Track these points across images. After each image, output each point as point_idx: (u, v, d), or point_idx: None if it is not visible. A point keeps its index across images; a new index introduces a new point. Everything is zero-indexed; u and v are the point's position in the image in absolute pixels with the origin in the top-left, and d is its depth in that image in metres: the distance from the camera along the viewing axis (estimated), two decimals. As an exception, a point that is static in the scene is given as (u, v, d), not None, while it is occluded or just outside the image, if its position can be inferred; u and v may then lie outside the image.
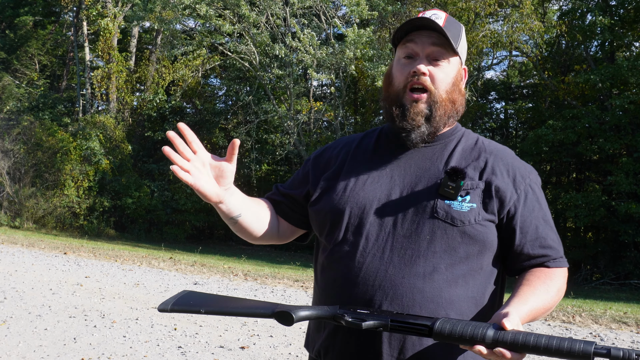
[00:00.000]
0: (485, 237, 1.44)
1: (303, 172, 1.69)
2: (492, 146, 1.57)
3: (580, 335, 6.61)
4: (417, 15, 1.53)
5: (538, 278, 1.44)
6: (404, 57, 1.53)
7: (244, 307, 1.41)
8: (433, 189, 1.45)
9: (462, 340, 1.23)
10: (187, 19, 20.72)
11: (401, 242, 1.43)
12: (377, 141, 1.63)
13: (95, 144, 20.97)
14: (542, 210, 1.52)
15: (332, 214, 1.52)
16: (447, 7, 17.95)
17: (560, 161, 18.71)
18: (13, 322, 6.09)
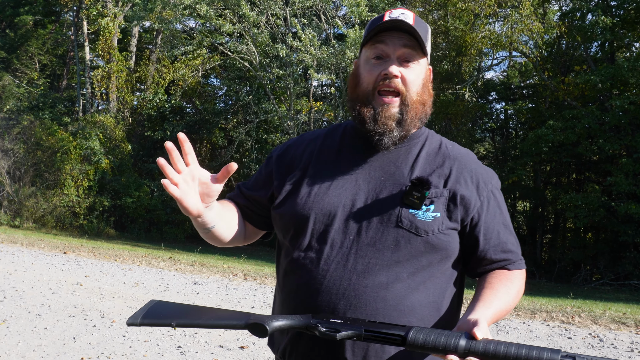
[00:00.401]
0: (447, 245, 1.45)
1: (266, 171, 1.64)
2: (455, 151, 1.57)
3: (579, 335, 6.62)
4: (384, 14, 1.51)
5: (499, 281, 1.47)
6: (373, 58, 1.50)
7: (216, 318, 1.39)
8: (398, 196, 1.45)
9: (435, 350, 1.25)
10: (187, 19, 20.72)
11: (365, 251, 1.43)
12: (342, 140, 1.60)
13: (95, 144, 20.97)
14: (503, 215, 1.55)
15: (297, 219, 1.50)
16: (446, 7, 17.97)
17: (560, 161, 18.72)
18: (13, 321, 6.10)
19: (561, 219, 20.23)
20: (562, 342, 6.29)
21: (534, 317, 7.60)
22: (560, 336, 6.57)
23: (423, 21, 1.54)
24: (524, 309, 8.07)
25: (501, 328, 6.88)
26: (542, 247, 19.86)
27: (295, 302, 1.48)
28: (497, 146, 22.37)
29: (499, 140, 22.72)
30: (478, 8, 16.34)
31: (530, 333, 6.69)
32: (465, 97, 17.91)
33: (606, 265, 16.20)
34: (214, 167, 22.42)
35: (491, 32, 17.04)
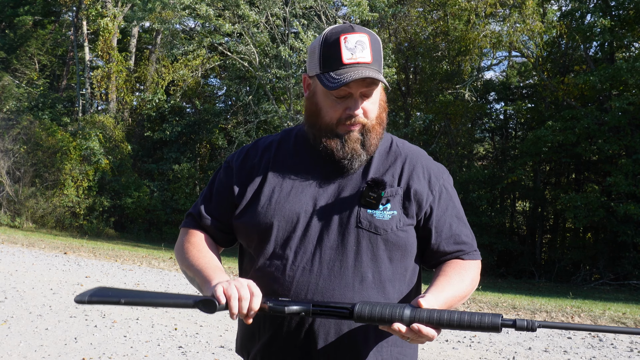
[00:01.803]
0: (406, 241, 1.52)
1: (227, 182, 1.63)
2: (406, 149, 1.63)
3: (579, 335, 6.64)
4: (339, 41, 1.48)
5: (453, 269, 1.53)
6: (333, 95, 1.50)
7: (166, 297, 1.42)
8: (355, 198, 1.51)
9: (382, 320, 1.32)
10: (186, 19, 20.72)
11: (329, 254, 1.48)
12: (296, 146, 1.62)
13: (94, 144, 20.97)
14: (456, 208, 1.61)
15: (259, 228, 1.53)
16: (446, 7, 17.99)
17: (559, 162, 18.74)
18: (14, 321, 6.11)
19: (561, 219, 20.23)
20: (562, 342, 6.31)
21: (534, 317, 7.61)
22: (560, 336, 6.59)
23: (377, 40, 1.55)
24: (523, 308, 8.09)
25: (501, 328, 6.90)
26: (542, 247, 19.87)
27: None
28: (496, 146, 22.38)
29: (499, 141, 22.72)
30: (480, 7, 16.35)
31: (530, 333, 6.71)
32: (465, 97, 17.92)
33: (605, 265, 16.22)
34: (214, 167, 22.44)
35: (492, 32, 17.04)
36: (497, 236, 18.38)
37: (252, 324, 1.53)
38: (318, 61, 1.51)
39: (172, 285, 9.15)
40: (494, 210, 19.73)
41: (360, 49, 1.48)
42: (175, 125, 22.53)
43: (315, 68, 1.52)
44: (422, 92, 20.60)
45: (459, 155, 19.78)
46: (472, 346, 6.02)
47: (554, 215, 20.54)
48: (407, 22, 19.96)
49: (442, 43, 19.83)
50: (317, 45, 1.53)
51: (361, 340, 1.49)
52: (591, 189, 17.15)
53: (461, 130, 19.95)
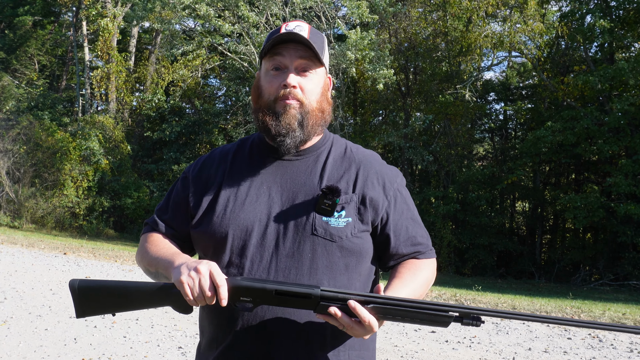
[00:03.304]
0: (361, 247, 1.54)
1: (184, 193, 1.65)
2: (360, 154, 1.65)
3: (579, 336, 6.63)
4: (281, 26, 1.57)
5: (408, 270, 1.57)
6: (272, 70, 1.56)
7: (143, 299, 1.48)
8: (310, 205, 1.52)
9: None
10: (186, 19, 20.71)
11: (285, 262, 1.49)
12: (251, 154, 1.65)
13: (94, 144, 20.96)
14: (410, 211, 1.64)
15: (215, 237, 1.54)
16: (446, 7, 17.99)
17: (559, 162, 18.74)
18: (13, 322, 6.10)
19: (560, 219, 20.24)
20: (562, 343, 6.30)
21: (534, 318, 7.61)
22: (559, 337, 6.59)
23: (319, 32, 1.61)
24: (523, 309, 8.09)
25: (501, 329, 6.90)
26: (542, 247, 19.88)
27: (219, 318, 1.53)
28: (496, 146, 22.38)
29: (498, 141, 22.73)
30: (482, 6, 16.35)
31: (530, 333, 6.70)
32: (465, 97, 17.92)
33: (605, 265, 16.22)
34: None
35: (492, 32, 17.05)
36: (496, 236, 18.38)
37: (212, 331, 1.56)
38: (262, 48, 1.59)
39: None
40: (493, 211, 19.74)
41: (298, 29, 1.55)
42: (174, 125, 22.52)
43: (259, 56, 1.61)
44: (422, 92, 20.60)
45: (458, 156, 19.78)
46: (472, 347, 6.02)
47: (553, 215, 20.54)
48: (407, 22, 19.96)
49: (442, 43, 19.83)
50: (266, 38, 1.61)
51: (318, 344, 1.49)
52: (591, 190, 17.15)
53: (461, 131, 19.95)
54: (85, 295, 1.49)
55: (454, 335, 6.52)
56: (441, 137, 20.02)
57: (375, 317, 1.37)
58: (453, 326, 6.92)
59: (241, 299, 1.41)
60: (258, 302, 1.41)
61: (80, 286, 1.48)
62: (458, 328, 6.88)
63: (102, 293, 1.49)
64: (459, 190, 18.84)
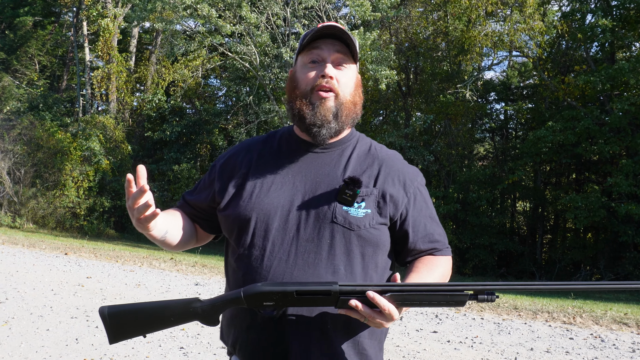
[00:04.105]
0: (378, 239, 1.61)
1: (209, 179, 1.79)
2: (383, 152, 1.75)
3: (581, 336, 6.63)
4: (317, 25, 1.66)
5: (425, 265, 1.65)
6: (309, 63, 1.67)
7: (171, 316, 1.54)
8: (332, 195, 1.61)
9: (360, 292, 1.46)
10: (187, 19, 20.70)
11: (304, 246, 1.57)
12: (279, 145, 1.75)
13: (95, 144, 20.96)
14: (429, 209, 1.73)
15: (239, 220, 1.64)
16: (447, 6, 17.98)
17: (559, 162, 18.72)
18: (15, 322, 6.10)
19: (561, 219, 20.22)
20: (564, 343, 6.30)
21: (536, 318, 7.61)
22: (561, 337, 6.58)
23: (352, 35, 1.71)
24: (525, 309, 8.09)
25: (503, 329, 6.90)
26: (542, 247, 19.86)
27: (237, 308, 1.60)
28: (496, 146, 22.36)
29: (499, 141, 22.70)
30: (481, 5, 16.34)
31: (532, 334, 6.70)
32: (466, 97, 17.91)
33: (606, 265, 16.20)
34: (214, 167, 22.40)
35: (493, 32, 17.03)
36: (497, 236, 18.37)
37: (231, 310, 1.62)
38: (299, 45, 1.71)
39: (172, 286, 9.14)
40: (494, 211, 19.72)
41: (331, 25, 1.65)
42: (175, 125, 22.51)
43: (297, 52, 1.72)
44: (422, 92, 20.59)
45: (459, 155, 19.76)
46: (474, 347, 6.02)
47: (554, 215, 20.52)
48: (407, 22, 19.95)
49: (442, 43, 19.83)
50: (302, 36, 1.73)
51: (331, 328, 1.56)
52: (591, 190, 17.13)
53: (461, 131, 19.93)
54: (116, 321, 1.54)
55: (456, 335, 6.52)
56: (442, 137, 20.01)
57: (394, 305, 1.44)
58: (454, 326, 6.93)
59: (264, 304, 1.48)
60: (280, 305, 1.47)
61: (110, 312, 1.54)
62: (459, 328, 6.87)
63: (132, 316, 1.55)
64: (459, 190, 18.83)
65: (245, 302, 1.49)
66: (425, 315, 7.60)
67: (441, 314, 7.66)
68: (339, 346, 1.57)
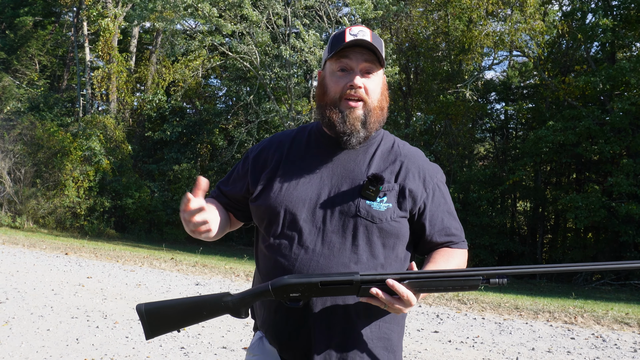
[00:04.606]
0: (398, 231, 1.72)
1: (243, 170, 1.89)
2: (405, 149, 1.85)
3: (582, 336, 6.62)
4: (344, 31, 1.74)
5: (441, 256, 1.77)
6: (338, 71, 1.74)
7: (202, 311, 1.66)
8: (356, 190, 1.72)
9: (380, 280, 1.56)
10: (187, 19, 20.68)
11: (330, 237, 1.69)
12: (308, 142, 1.85)
13: (95, 144, 20.96)
14: (447, 204, 1.83)
15: (270, 211, 1.75)
16: (447, 6, 17.97)
17: (560, 162, 18.71)
18: (15, 322, 6.09)
19: (561, 218, 20.21)
20: (566, 343, 6.29)
21: (537, 318, 7.60)
22: (563, 336, 6.57)
23: (378, 37, 1.79)
24: (526, 309, 8.08)
25: (504, 329, 6.89)
26: (543, 247, 19.85)
27: (272, 277, 1.70)
28: (497, 146, 22.36)
29: (499, 141, 22.70)
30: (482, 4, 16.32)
31: (533, 333, 6.69)
32: (466, 97, 17.89)
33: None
34: (214, 167, 22.40)
35: (493, 31, 17.02)
36: (497, 236, 18.36)
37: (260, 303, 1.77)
38: (328, 49, 1.77)
39: (173, 286, 9.13)
40: (494, 211, 19.71)
41: (361, 34, 1.73)
42: (175, 125, 22.51)
43: (325, 56, 1.79)
44: (422, 92, 20.58)
45: (459, 155, 19.76)
46: (475, 347, 6.01)
47: (554, 215, 20.52)
48: (408, 22, 19.94)
49: (442, 43, 19.81)
50: (329, 40, 1.80)
51: (353, 311, 1.67)
52: (592, 189, 17.12)
53: (462, 131, 19.93)
54: (152, 317, 1.67)
55: (457, 335, 6.51)
56: (442, 136, 20.00)
57: (412, 292, 1.56)
58: (455, 326, 6.92)
59: (291, 296, 1.59)
60: (306, 295, 1.58)
61: (147, 309, 1.67)
62: (460, 328, 6.86)
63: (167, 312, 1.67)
64: (460, 190, 18.82)
65: (273, 294, 1.60)
66: (426, 315, 7.59)
67: (442, 314, 7.65)
68: (361, 330, 1.68)
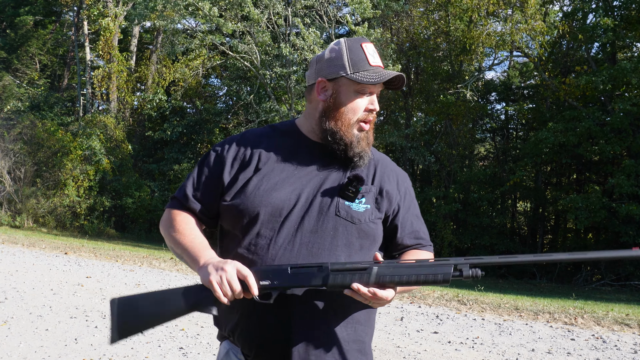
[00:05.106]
0: (375, 232, 1.76)
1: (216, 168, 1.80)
2: (377, 154, 1.89)
3: (582, 337, 6.60)
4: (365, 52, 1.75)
5: (412, 255, 1.81)
6: (358, 92, 1.74)
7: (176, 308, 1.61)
8: (336, 190, 1.72)
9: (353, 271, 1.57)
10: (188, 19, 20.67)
11: (308, 237, 1.68)
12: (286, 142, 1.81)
13: (95, 144, 20.94)
14: (416, 208, 1.90)
15: (247, 212, 1.71)
16: (448, 6, 17.95)
17: (560, 162, 18.69)
18: (14, 322, 6.08)
19: (562, 219, 20.19)
20: (566, 344, 6.27)
21: (537, 319, 7.58)
22: (563, 337, 6.56)
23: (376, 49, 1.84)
24: (526, 310, 8.06)
25: (504, 329, 6.87)
26: (543, 247, 19.82)
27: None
28: (497, 146, 22.34)
29: (500, 141, 22.68)
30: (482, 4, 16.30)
31: (533, 334, 6.67)
32: (467, 97, 17.87)
33: (607, 266, 16.17)
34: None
35: (494, 32, 17.00)
36: (498, 237, 18.34)
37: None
38: (347, 64, 1.74)
39: (172, 286, 9.10)
40: (494, 211, 19.69)
41: (376, 55, 1.78)
42: (176, 125, 22.49)
43: (342, 70, 1.74)
44: (423, 92, 20.56)
45: (460, 156, 19.73)
46: (475, 347, 5.99)
47: (555, 215, 20.49)
48: (408, 22, 19.92)
49: (443, 43, 19.79)
50: (342, 51, 1.76)
51: (330, 313, 1.67)
52: (592, 190, 17.10)
53: (462, 131, 19.90)
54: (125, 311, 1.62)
55: (457, 336, 6.50)
56: (442, 137, 19.98)
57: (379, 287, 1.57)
58: (455, 327, 6.91)
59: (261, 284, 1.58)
60: (276, 284, 1.58)
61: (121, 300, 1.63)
62: (460, 329, 6.85)
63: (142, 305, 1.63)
64: (460, 191, 18.80)
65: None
66: (426, 315, 7.58)
67: (442, 315, 7.64)
68: (338, 332, 1.68)
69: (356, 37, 1.79)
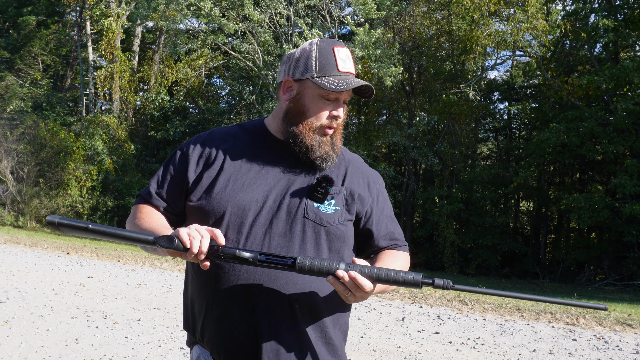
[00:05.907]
0: (345, 234, 1.72)
1: (180, 167, 1.76)
2: (349, 155, 1.85)
3: (584, 337, 6.58)
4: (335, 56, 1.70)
5: (387, 256, 1.78)
6: (323, 97, 1.69)
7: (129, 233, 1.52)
8: (304, 191, 1.69)
9: (320, 271, 1.50)
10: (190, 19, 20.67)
11: (277, 240, 1.64)
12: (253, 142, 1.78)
13: (98, 144, 20.97)
14: (389, 209, 1.87)
15: (213, 213, 1.66)
16: (450, 6, 17.91)
17: (563, 162, 18.65)
18: (15, 322, 6.09)
19: (565, 218, 20.15)
20: (567, 344, 6.25)
21: (539, 319, 7.56)
22: (564, 338, 6.53)
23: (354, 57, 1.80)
24: (528, 309, 8.04)
25: (505, 330, 6.85)
26: (546, 247, 19.80)
27: (214, 287, 1.65)
28: (500, 146, 22.31)
29: (502, 140, 22.65)
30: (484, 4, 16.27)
31: (534, 335, 6.65)
32: (469, 96, 17.84)
33: (610, 265, 16.14)
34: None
35: (496, 31, 16.97)
36: (500, 236, 18.31)
37: (200, 301, 1.68)
38: (314, 66, 1.69)
39: (174, 286, 9.12)
40: (497, 211, 19.66)
41: (348, 61, 1.72)
42: (178, 125, 22.51)
43: (308, 72, 1.70)
44: (426, 91, 20.54)
45: (462, 155, 19.71)
46: (476, 348, 5.98)
47: (558, 215, 20.46)
48: (411, 21, 19.89)
49: (445, 43, 19.76)
50: (311, 52, 1.71)
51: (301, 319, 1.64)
52: (595, 190, 17.07)
53: (465, 130, 19.88)
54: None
55: (458, 336, 6.48)
56: (445, 136, 19.95)
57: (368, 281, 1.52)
58: (456, 327, 6.89)
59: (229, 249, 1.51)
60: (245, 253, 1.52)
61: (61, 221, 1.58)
62: (461, 329, 6.83)
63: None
64: (463, 190, 18.77)
65: None
66: (427, 316, 7.56)
67: (443, 315, 7.62)
68: (308, 335, 1.66)
69: (332, 39, 1.74)
